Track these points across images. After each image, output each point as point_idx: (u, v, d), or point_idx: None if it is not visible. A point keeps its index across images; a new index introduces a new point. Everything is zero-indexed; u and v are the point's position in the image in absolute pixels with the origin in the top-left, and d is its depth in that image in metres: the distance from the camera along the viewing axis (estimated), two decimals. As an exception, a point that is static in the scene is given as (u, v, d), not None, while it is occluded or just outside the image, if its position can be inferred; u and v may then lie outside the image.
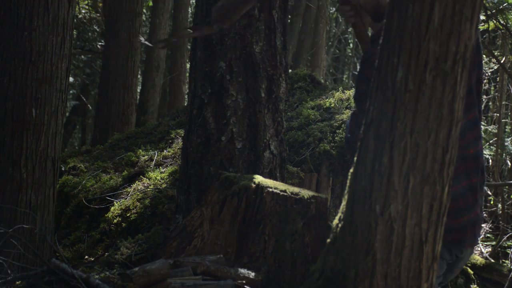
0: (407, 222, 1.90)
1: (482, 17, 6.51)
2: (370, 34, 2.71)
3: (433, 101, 1.87)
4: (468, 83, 2.38)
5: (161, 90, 11.33)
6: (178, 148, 5.33)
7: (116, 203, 4.66)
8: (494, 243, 6.65)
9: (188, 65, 9.62)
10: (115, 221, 4.48)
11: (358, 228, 1.94)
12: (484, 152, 5.22)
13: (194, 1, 11.58)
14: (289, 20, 10.30)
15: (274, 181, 3.26)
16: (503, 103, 8.28)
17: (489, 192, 7.35)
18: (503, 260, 6.31)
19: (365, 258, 1.91)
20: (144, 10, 12.09)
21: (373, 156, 1.92)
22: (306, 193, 3.17)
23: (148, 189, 4.71)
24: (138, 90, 10.63)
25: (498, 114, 8.17)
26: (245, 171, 3.69)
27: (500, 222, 7.05)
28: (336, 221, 2.04)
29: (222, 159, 3.72)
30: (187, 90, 5.63)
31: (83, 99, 14.42)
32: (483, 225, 6.98)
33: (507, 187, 7.38)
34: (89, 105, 14.86)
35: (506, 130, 9.16)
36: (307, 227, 3.12)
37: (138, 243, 3.54)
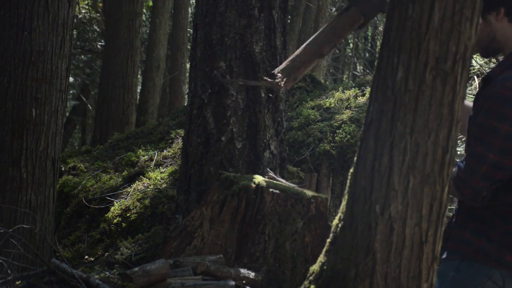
0: (407, 222, 1.90)
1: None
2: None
3: (433, 101, 1.87)
4: None
5: (161, 90, 11.32)
6: (178, 148, 5.33)
7: (116, 203, 4.66)
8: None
9: (188, 65, 9.62)
10: (115, 221, 4.48)
11: (358, 228, 1.94)
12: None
13: (194, 1, 11.58)
14: (289, 20, 10.30)
15: (274, 181, 3.26)
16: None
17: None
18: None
19: (365, 258, 1.91)
20: (144, 10, 12.08)
21: (373, 156, 1.92)
22: (306, 193, 3.17)
23: (148, 189, 4.71)
24: (138, 90, 10.62)
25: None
26: (245, 171, 3.69)
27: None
28: (336, 221, 2.04)
29: (222, 159, 3.72)
30: (187, 90, 5.64)
31: (83, 99, 14.42)
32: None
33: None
34: (89, 105, 14.86)
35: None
36: (307, 227, 3.12)
37: (138, 243, 3.54)
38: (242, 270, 2.95)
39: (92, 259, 4.16)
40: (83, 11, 12.89)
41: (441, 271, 2.41)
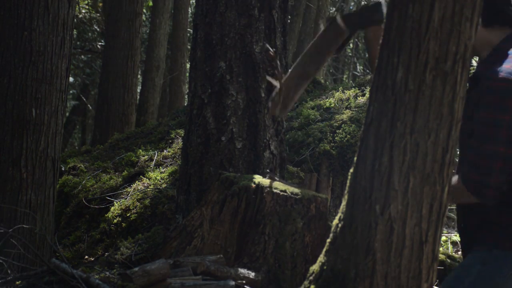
0: (407, 222, 1.90)
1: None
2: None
3: (433, 101, 1.87)
4: None
5: (161, 90, 11.32)
6: (178, 148, 5.33)
7: (116, 203, 4.66)
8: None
9: (188, 65, 9.62)
10: (115, 221, 4.48)
11: (358, 228, 1.94)
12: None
13: (194, 1, 11.57)
14: (289, 20, 10.30)
15: (274, 181, 3.26)
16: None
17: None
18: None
19: (365, 258, 1.91)
20: (144, 10, 12.09)
21: (373, 156, 1.92)
22: (306, 193, 3.17)
23: (148, 189, 4.71)
24: (138, 90, 10.62)
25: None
26: (245, 171, 3.69)
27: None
28: (336, 221, 2.04)
29: (222, 159, 3.72)
30: (187, 90, 5.65)
31: (83, 99, 14.42)
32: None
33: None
34: (89, 105, 14.86)
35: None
36: (307, 227, 3.12)
37: (138, 243, 3.54)
38: (242, 270, 2.95)
39: (92, 259, 4.16)
40: (83, 11, 12.89)
41: (466, 264, 2.39)
